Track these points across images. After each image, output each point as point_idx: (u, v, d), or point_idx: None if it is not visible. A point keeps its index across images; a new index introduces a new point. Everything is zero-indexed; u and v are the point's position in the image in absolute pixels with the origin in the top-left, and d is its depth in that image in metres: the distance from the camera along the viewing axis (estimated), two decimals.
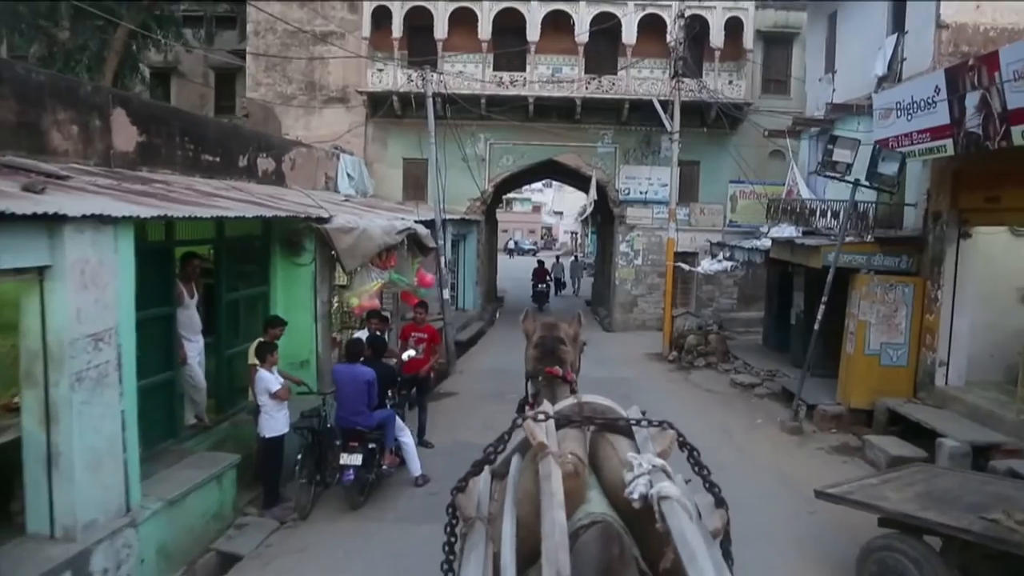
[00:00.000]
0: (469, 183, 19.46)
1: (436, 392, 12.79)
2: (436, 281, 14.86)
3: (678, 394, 13.13)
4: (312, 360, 9.22)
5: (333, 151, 17.63)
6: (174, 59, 23.65)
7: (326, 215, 9.10)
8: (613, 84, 19.13)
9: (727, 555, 2.37)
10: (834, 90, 13.67)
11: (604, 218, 24.70)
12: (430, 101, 14.50)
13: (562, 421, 2.53)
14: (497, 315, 24.01)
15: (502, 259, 32.66)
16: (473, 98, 18.88)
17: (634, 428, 2.55)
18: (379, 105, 19.63)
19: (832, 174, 9.41)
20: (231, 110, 23.74)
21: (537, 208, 74.72)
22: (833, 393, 11.25)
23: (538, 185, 62.43)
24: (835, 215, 11.80)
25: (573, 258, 30.65)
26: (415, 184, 19.80)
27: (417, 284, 11.78)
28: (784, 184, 16.13)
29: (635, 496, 2.11)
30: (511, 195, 65.52)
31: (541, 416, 2.45)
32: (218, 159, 11.27)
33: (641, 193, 20.10)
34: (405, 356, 8.77)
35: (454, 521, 2.55)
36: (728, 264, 14.81)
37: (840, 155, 9.22)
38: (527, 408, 3.29)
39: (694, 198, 20.04)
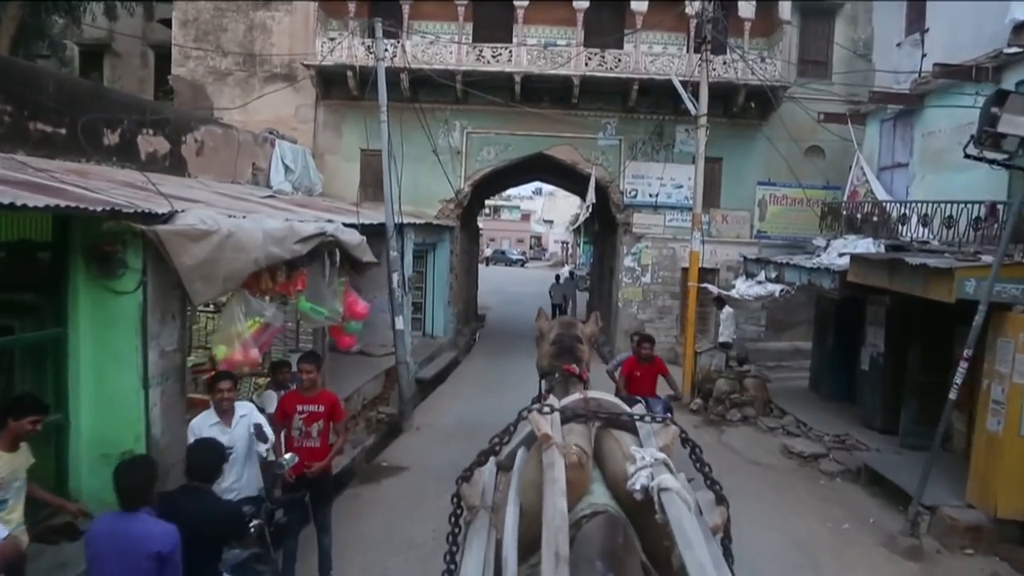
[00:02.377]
0: (441, 181, 15.76)
1: (377, 464, 9.14)
2: (390, 306, 11.25)
3: (713, 467, 9.43)
4: (141, 450, 5.57)
5: (266, 135, 14.03)
6: (107, 36, 20.31)
7: (165, 210, 5.43)
8: (619, 60, 15.48)
9: (728, 552, 2.42)
10: (924, 55, 10.15)
11: (604, 226, 21.02)
12: (381, 64, 10.83)
13: (568, 416, 2.56)
14: (477, 338, 20.38)
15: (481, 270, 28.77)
16: (447, 75, 15.23)
17: (638, 424, 2.57)
18: (332, 84, 16.07)
19: (994, 155, 5.83)
20: (172, 93, 20.33)
21: (526, 216, 71.28)
22: (948, 480, 7.69)
23: (527, 191, 59.01)
24: (946, 222, 8.25)
25: (568, 274, 26.71)
26: (375, 182, 15.92)
27: (346, 315, 8.15)
28: (844, 185, 12.58)
29: (637, 488, 2.14)
30: (499, 202, 62.17)
31: (546, 409, 2.51)
32: (63, 131, 7.93)
33: (651, 196, 16.43)
34: (285, 461, 5.10)
35: (459, 510, 2.59)
36: (775, 288, 11.17)
37: (1011, 124, 5.61)
38: None
39: (715, 203, 16.36)
